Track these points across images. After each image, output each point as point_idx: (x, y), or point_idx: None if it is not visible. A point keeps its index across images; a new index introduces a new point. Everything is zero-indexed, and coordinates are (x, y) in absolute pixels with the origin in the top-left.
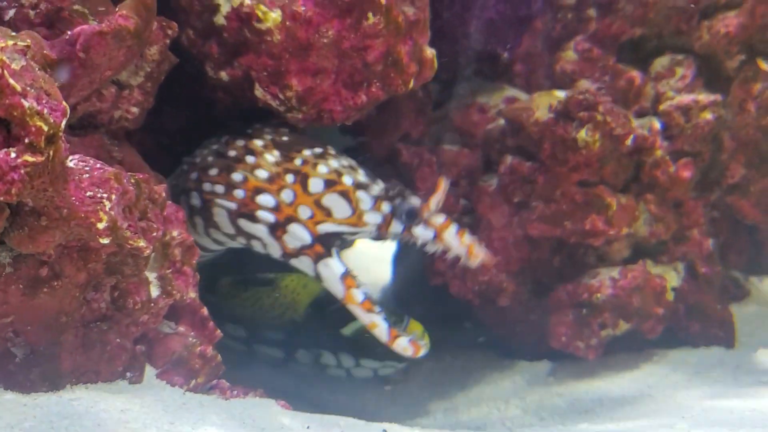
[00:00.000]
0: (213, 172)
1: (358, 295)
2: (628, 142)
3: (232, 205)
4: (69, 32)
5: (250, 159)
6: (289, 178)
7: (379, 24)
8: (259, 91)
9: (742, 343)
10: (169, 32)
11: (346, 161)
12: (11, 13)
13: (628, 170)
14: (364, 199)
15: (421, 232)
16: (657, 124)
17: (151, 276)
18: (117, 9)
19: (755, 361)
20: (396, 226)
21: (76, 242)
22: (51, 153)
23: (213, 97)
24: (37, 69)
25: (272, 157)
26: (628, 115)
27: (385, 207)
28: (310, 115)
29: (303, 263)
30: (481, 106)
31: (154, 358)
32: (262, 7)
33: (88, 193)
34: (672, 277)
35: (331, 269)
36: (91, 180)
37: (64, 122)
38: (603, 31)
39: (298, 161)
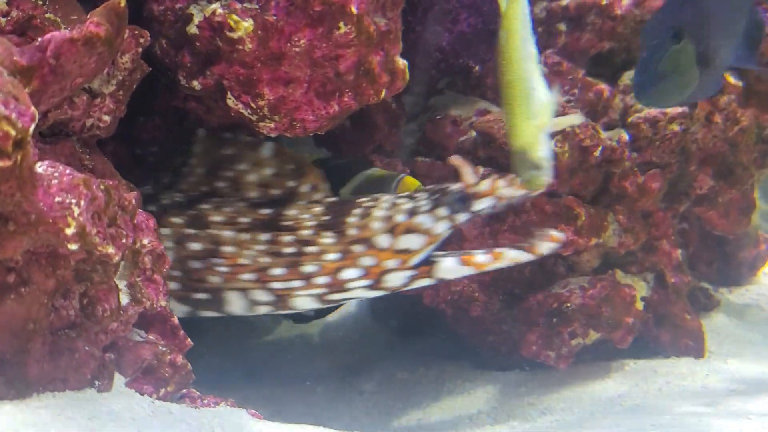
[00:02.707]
0: (279, 271)
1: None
2: (597, 153)
3: (318, 291)
4: (40, 39)
5: (310, 249)
6: (358, 248)
7: (351, 33)
8: (231, 100)
9: (711, 353)
10: (141, 41)
11: (381, 202)
12: None
13: (597, 181)
14: (424, 221)
15: (481, 206)
16: (625, 136)
17: (121, 284)
18: (88, 16)
19: (725, 371)
20: (461, 217)
21: (45, 248)
22: (19, 158)
23: (185, 108)
24: (5, 74)
25: (328, 239)
26: (596, 127)
27: (442, 211)
28: (282, 124)
29: (423, 284)
30: (454, 119)
31: (124, 366)
32: (234, 17)
33: (57, 199)
34: (641, 287)
35: (449, 270)
36: (60, 186)
37: (32, 127)
38: (572, 44)
39: (352, 231)
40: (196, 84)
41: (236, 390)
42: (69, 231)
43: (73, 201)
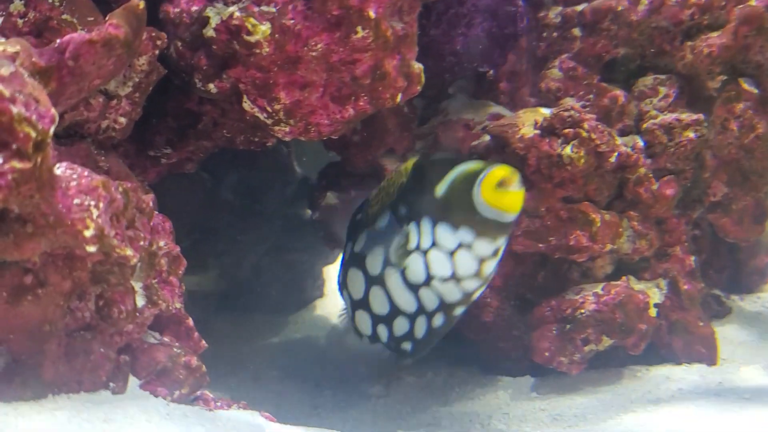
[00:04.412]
0: None
1: None
2: (613, 159)
3: None
4: (58, 40)
5: None
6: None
7: (368, 38)
8: (246, 104)
9: (724, 360)
10: (158, 43)
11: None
12: None
13: (611, 187)
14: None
15: None
16: (640, 142)
17: (137, 285)
18: (107, 18)
19: (737, 379)
20: None
21: (62, 250)
22: (39, 160)
23: (200, 110)
24: (26, 75)
25: None
26: (612, 133)
27: None
28: (297, 128)
29: None
30: (467, 123)
31: (138, 368)
32: (252, 20)
33: (76, 201)
34: (654, 294)
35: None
36: (79, 187)
37: (52, 129)
38: (587, 50)
39: None
40: (212, 87)
41: (243, 391)
42: (88, 233)
43: (92, 203)
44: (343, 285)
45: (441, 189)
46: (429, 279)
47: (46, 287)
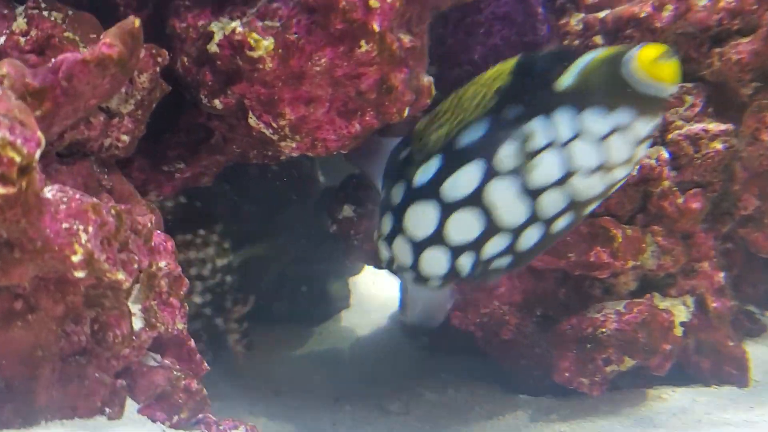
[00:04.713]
0: None
1: None
2: (634, 172)
3: None
4: (53, 60)
5: None
6: None
7: (372, 52)
8: (252, 120)
9: (757, 382)
10: (159, 60)
11: None
12: (2, 40)
13: (634, 201)
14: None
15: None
16: (665, 154)
17: (135, 308)
18: (102, 37)
19: None
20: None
21: (53, 274)
22: (24, 184)
23: (209, 126)
24: (13, 98)
25: None
26: None
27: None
28: (304, 144)
29: None
30: None
31: (137, 392)
32: (255, 35)
33: (64, 225)
34: (681, 312)
35: None
36: (68, 211)
37: (38, 153)
38: None
39: None
40: (217, 103)
41: (263, 405)
42: (75, 258)
43: (81, 227)
44: (389, 235)
45: (566, 80)
46: (566, 176)
47: (37, 312)
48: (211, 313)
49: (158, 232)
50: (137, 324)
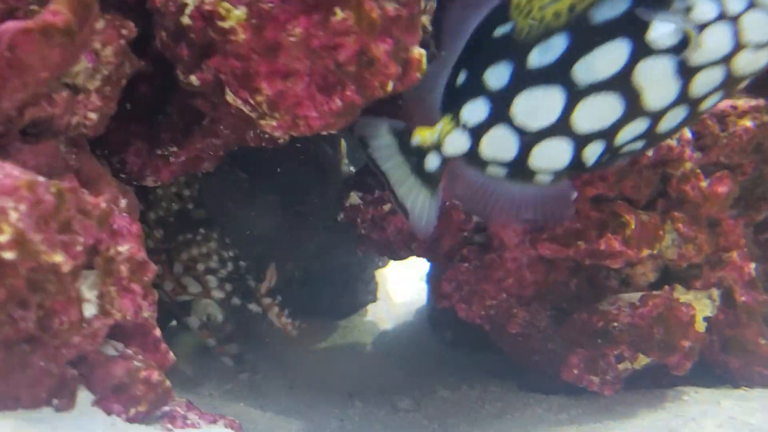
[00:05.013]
0: None
1: None
2: (650, 152)
3: None
4: None
5: None
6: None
7: (349, 20)
8: (229, 96)
9: None
10: (124, 32)
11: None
12: None
13: (652, 184)
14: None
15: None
16: (687, 134)
17: (90, 294)
18: (49, 4)
19: None
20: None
21: None
22: None
23: (195, 105)
24: None
25: None
26: None
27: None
28: (284, 122)
29: None
30: None
31: (94, 383)
32: (225, 5)
33: None
34: (705, 306)
35: None
36: (1, 188)
37: None
38: None
39: None
40: (193, 79)
41: (274, 398)
42: (2, 238)
43: (11, 205)
44: (481, 124)
45: None
46: (732, 52)
47: None
48: (240, 301)
49: (124, 215)
50: (90, 310)
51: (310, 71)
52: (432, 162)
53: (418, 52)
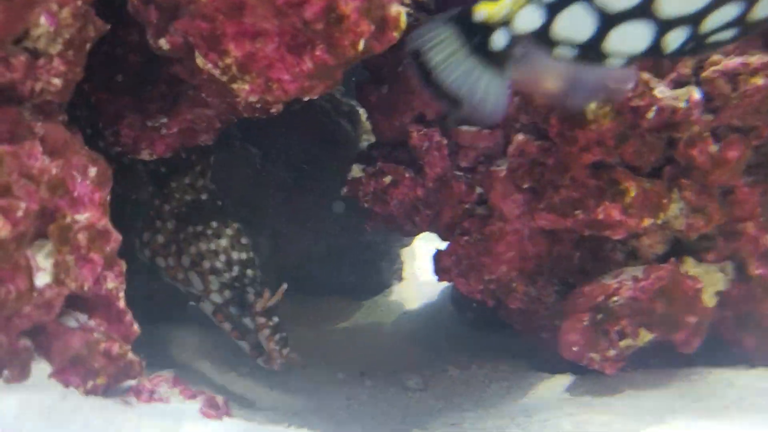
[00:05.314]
0: None
1: None
2: (650, 115)
3: None
4: None
5: None
6: None
7: None
8: (199, 60)
9: None
10: None
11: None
12: None
13: (656, 150)
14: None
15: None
16: (696, 95)
17: (46, 263)
18: None
19: None
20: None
21: None
22: None
23: (172, 73)
24: None
25: None
26: (648, 82)
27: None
28: (257, 85)
29: None
30: None
31: (52, 354)
32: None
33: None
34: (716, 280)
35: None
36: None
37: None
38: None
39: None
40: (163, 43)
41: (283, 377)
42: None
43: None
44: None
45: None
46: None
47: None
48: (236, 312)
49: (87, 182)
50: (42, 280)
51: (279, 31)
52: (499, 39)
53: (396, 9)
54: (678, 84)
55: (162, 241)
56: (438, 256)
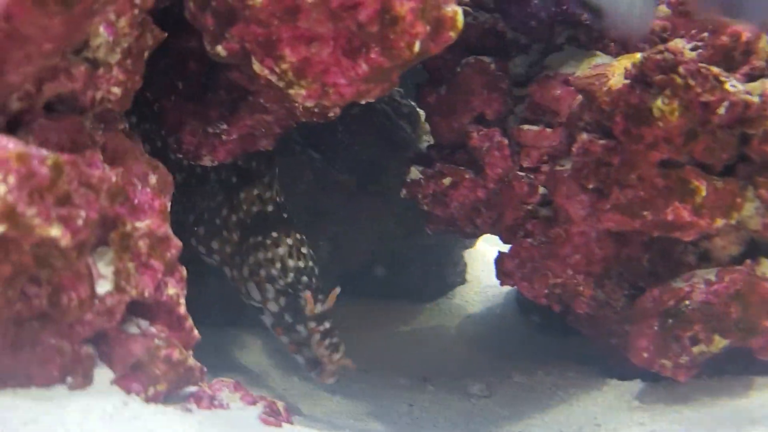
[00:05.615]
0: None
1: None
2: (721, 110)
3: None
4: None
5: None
6: None
7: None
8: (256, 65)
9: None
10: (137, 2)
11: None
12: None
13: (729, 147)
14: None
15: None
16: None
17: (106, 270)
18: None
19: None
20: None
21: None
22: None
23: (231, 79)
24: None
25: None
26: (719, 77)
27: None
28: (313, 90)
29: None
30: (565, 78)
31: (115, 361)
32: None
33: None
34: None
35: None
36: None
37: None
38: None
39: None
40: (220, 50)
41: (344, 384)
42: None
43: None
44: None
45: None
46: None
47: None
48: (291, 320)
49: (147, 190)
50: (103, 287)
51: (335, 35)
52: None
53: (452, 9)
54: (751, 77)
55: (229, 251)
56: (500, 260)
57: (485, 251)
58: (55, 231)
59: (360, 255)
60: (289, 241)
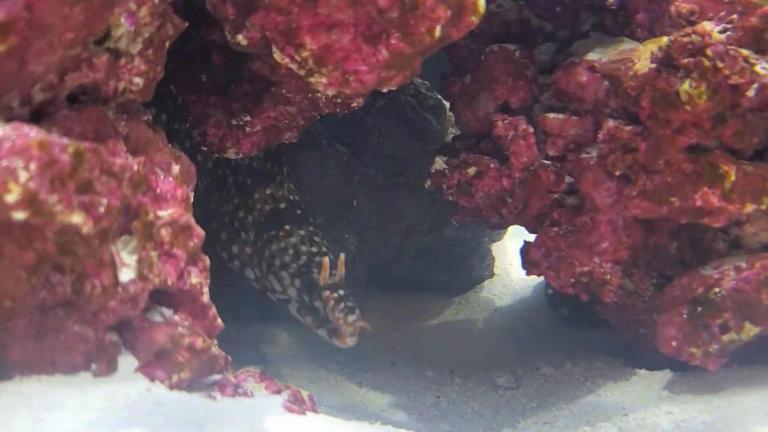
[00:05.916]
0: None
1: None
2: (751, 93)
3: None
4: None
5: None
6: None
7: None
8: (277, 54)
9: None
10: None
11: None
12: None
13: (759, 130)
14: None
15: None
16: None
17: (130, 259)
18: None
19: None
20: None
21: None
22: None
23: (253, 69)
24: None
25: None
26: (749, 58)
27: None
28: (334, 78)
29: None
30: (591, 65)
31: (139, 349)
32: None
33: (3, 163)
34: None
35: None
36: (12, 149)
37: None
38: None
39: None
40: (240, 38)
41: (372, 375)
42: (10, 198)
43: (20, 165)
44: None
45: None
46: None
47: (2, 259)
48: (308, 299)
49: (170, 179)
50: (126, 275)
51: (355, 21)
52: None
53: None
54: None
55: (249, 252)
56: (526, 249)
57: (513, 244)
58: (77, 218)
59: (387, 248)
60: (302, 232)
